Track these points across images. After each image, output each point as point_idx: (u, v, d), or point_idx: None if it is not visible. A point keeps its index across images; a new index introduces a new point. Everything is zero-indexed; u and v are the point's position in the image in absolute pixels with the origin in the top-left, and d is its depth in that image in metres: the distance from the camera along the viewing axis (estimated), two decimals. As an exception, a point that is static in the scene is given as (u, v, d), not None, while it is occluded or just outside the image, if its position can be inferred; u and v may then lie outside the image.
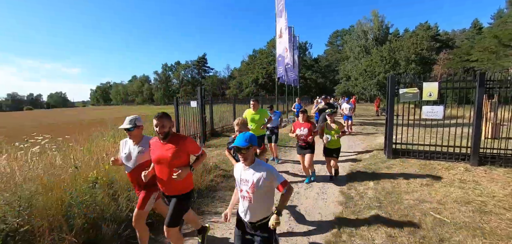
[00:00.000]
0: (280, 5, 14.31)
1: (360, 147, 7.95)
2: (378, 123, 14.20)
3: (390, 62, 39.39)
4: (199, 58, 78.26)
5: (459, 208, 3.56)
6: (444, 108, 5.89)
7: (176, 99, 9.37)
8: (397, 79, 6.48)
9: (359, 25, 48.40)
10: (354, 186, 4.58)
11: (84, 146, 5.11)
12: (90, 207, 3.05)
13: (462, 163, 5.68)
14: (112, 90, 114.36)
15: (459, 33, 48.50)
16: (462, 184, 4.47)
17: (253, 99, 5.45)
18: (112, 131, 7.35)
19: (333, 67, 57.33)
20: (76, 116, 36.27)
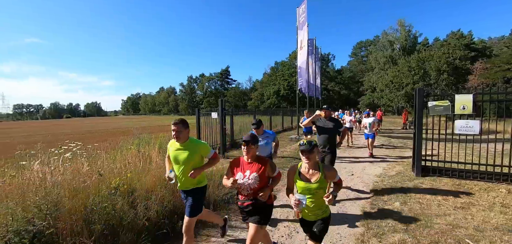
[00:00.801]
0: (302, 18, 14.34)
1: (385, 162, 7.49)
2: (406, 136, 13.37)
3: (419, 73, 37.38)
4: (222, 71, 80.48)
5: (501, 236, 3.15)
6: (481, 123, 5.39)
7: (198, 110, 9.62)
8: (426, 92, 6.08)
9: (384, 36, 46.91)
10: (378, 205, 4.28)
11: (110, 154, 5.38)
12: (110, 213, 3.16)
13: (504, 184, 5.10)
14: (141, 101, 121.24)
15: (497, 41, 44.83)
16: (504, 208, 3.98)
17: (175, 124, 2.73)
18: (137, 139, 7.68)
19: (357, 79, 55.75)
20: (108, 124, 38.77)
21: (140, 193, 3.75)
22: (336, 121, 4.66)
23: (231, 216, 4.02)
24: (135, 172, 4.27)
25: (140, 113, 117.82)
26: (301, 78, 15.16)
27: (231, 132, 11.37)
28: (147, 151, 5.81)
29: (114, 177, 3.88)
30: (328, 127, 4.51)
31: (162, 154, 5.59)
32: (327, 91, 50.38)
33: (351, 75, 57.83)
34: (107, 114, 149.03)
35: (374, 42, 52.73)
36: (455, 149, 6.17)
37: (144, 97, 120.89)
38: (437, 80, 35.92)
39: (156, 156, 5.13)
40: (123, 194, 3.58)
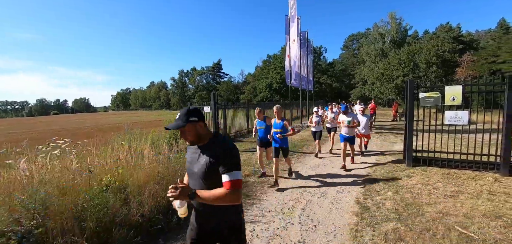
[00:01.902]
0: (293, 11, 14.26)
1: (378, 154, 7.61)
2: (397, 128, 13.62)
3: (409, 65, 37.99)
4: (214, 65, 79.56)
5: (488, 222, 3.26)
6: (469, 113, 5.52)
7: (190, 105, 9.49)
8: (416, 84, 6.17)
9: (375, 28, 47.26)
10: (371, 196, 4.36)
11: (101, 150, 5.25)
12: (101, 211, 3.09)
13: (490, 172, 5.26)
14: (131, 96, 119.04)
15: (484, 34, 45.91)
16: (492, 196, 4.11)
17: None
18: (128, 135, 7.52)
19: (349, 72, 56.22)
20: (98, 120, 37.92)
21: (132, 189, 3.68)
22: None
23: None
24: (127, 168, 4.18)
25: (131, 108, 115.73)
26: (294, 71, 15.14)
27: (225, 126, 11.31)
28: (139, 146, 5.70)
29: (105, 174, 3.79)
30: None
31: (155, 149, 5.49)
32: (319, 84, 50.61)
33: (342, 68, 58.23)
34: (97, 110, 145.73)
35: (366, 35, 53.07)
36: (445, 139, 6.33)
37: (134, 92, 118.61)
38: (426, 73, 36.58)
39: (149, 152, 5.03)
40: (115, 190, 3.51)
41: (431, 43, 38.43)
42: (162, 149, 5.24)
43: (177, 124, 1.53)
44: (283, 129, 4.94)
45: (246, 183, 5.25)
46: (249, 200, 4.36)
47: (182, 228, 3.46)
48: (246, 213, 3.86)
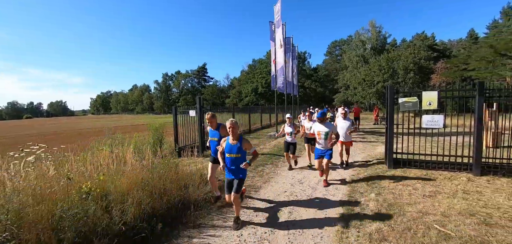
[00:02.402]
0: (277, 17, 14.47)
1: (360, 157, 7.85)
2: (378, 131, 14.13)
3: (388, 72, 39.65)
4: (199, 68, 78.78)
5: (463, 220, 3.45)
6: (444, 117, 5.85)
7: (175, 108, 9.31)
8: (396, 89, 6.45)
9: (357, 35, 49.00)
10: (355, 197, 4.47)
11: (80, 156, 5.01)
12: (81, 220, 2.94)
13: (464, 173, 5.59)
14: (112, 99, 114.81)
15: (456, 43, 49.03)
16: (466, 194, 4.37)
17: None
18: (109, 140, 7.23)
19: (332, 77, 57.72)
20: (76, 124, 36.14)
21: (115, 197, 3.54)
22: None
23: (213, 216, 3.95)
24: (108, 174, 4.02)
25: (112, 112, 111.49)
26: (282, 77, 15.26)
27: (210, 130, 11.18)
28: (121, 152, 5.50)
29: (85, 181, 3.62)
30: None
31: (138, 154, 5.33)
32: (303, 88, 51.53)
33: (326, 73, 59.71)
34: (74, 114, 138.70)
35: (348, 42, 54.89)
36: (423, 142, 6.65)
37: (115, 96, 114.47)
38: (404, 79, 38.34)
39: (131, 157, 4.87)
40: (96, 198, 3.36)
41: (408, 50, 40.44)
42: (145, 154, 5.08)
43: None
44: (241, 153, 3.51)
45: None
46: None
47: (168, 236, 3.37)
48: (232, 218, 3.83)
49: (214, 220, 3.81)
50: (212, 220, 3.81)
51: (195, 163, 6.22)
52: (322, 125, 5.00)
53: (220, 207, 4.23)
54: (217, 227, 3.60)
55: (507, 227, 3.25)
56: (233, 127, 3.52)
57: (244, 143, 3.54)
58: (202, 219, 3.83)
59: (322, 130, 4.96)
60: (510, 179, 5.08)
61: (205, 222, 3.74)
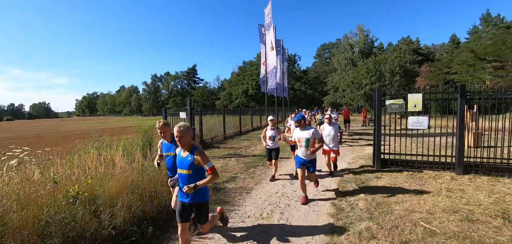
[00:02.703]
0: (268, 19, 14.59)
1: (349, 158, 8.01)
2: (366, 133, 14.46)
3: (375, 75, 40.70)
4: (189, 69, 78.05)
5: (447, 217, 3.60)
6: (429, 119, 6.07)
7: (165, 110, 9.20)
8: (383, 91, 6.65)
9: (345, 39, 50.06)
10: (345, 198, 4.57)
11: (66, 159, 4.86)
12: (68, 225, 2.86)
13: (448, 172, 5.82)
14: (98, 101, 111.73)
15: (439, 47, 51.02)
16: (449, 193, 4.55)
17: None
18: (97, 142, 7.04)
19: (322, 79, 58.63)
20: (61, 127, 34.91)
21: (104, 200, 3.46)
22: None
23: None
24: (96, 178, 3.93)
25: (98, 114, 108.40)
26: (273, 79, 15.35)
27: (200, 132, 11.11)
28: (109, 154, 5.37)
29: (72, 185, 3.52)
30: None
31: (127, 157, 5.23)
32: (293, 90, 52.05)
33: (315, 76, 60.60)
34: (59, 116, 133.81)
35: (336, 45, 55.98)
36: (409, 142, 6.87)
37: (102, 97, 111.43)
38: (391, 81, 39.48)
39: (120, 160, 4.77)
40: (84, 202, 3.27)
41: (394, 54, 41.72)
42: (135, 157, 4.99)
43: None
44: (194, 169, 2.61)
45: (224, 190, 5.20)
46: (227, 207, 4.32)
47: (159, 239, 3.33)
48: (225, 220, 3.83)
49: (206, 222, 3.78)
50: (204, 222, 3.78)
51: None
52: (302, 130, 4.34)
53: (211, 210, 4.21)
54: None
55: (488, 222, 3.42)
56: (181, 135, 2.53)
57: (197, 156, 2.56)
58: (193, 221, 3.80)
59: (303, 136, 4.27)
60: (490, 177, 5.34)
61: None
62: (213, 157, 8.60)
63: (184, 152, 2.65)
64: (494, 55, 26.71)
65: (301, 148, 4.30)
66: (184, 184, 2.61)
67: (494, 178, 5.29)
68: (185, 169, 2.62)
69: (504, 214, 3.62)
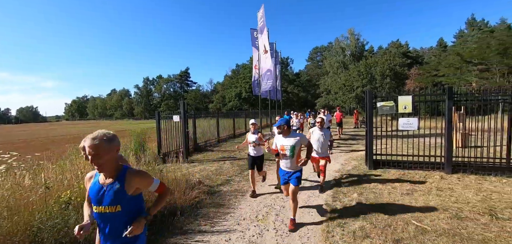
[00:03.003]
0: (261, 22, 14.70)
1: (342, 159, 8.12)
2: (358, 135, 14.69)
3: (366, 77, 41.43)
4: (182, 73, 77.57)
5: (438, 215, 3.71)
6: (418, 120, 6.24)
7: (158, 114, 9.12)
8: (374, 94, 6.79)
9: (337, 42, 50.80)
10: (339, 198, 4.64)
11: (57, 164, 4.76)
12: (61, 230, 2.81)
13: (437, 171, 5.98)
14: (89, 105, 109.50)
15: (427, 51, 52.46)
16: (439, 191, 4.68)
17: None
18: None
19: (314, 82, 59.21)
20: (50, 131, 34.00)
21: (97, 205, 3.41)
22: None
23: (201, 221, 3.91)
24: (89, 182, 3.86)
25: (88, 118, 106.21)
26: (270, 81, 15.35)
27: (194, 135, 11.05)
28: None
29: (64, 190, 3.46)
30: None
31: (120, 161, 5.16)
32: (286, 93, 52.39)
33: (308, 79, 61.19)
34: (47, 120, 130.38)
35: (328, 48, 56.74)
36: (400, 143, 7.03)
37: (92, 100, 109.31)
38: (381, 84, 40.28)
39: (114, 164, 4.71)
40: (77, 208, 3.22)
41: (384, 57, 42.60)
42: (129, 161, 4.94)
43: None
44: (124, 203, 1.64)
45: (219, 193, 5.19)
46: (223, 209, 4.33)
47: (153, 243, 3.30)
48: (220, 223, 3.83)
49: (202, 225, 3.78)
50: (199, 225, 3.78)
51: (180, 169, 6.12)
52: (286, 137, 3.59)
53: (206, 213, 4.21)
54: (204, 232, 3.57)
55: (476, 220, 3.54)
56: (97, 152, 1.53)
57: (131, 181, 1.66)
58: (189, 224, 3.79)
59: (287, 144, 3.54)
60: (477, 176, 5.52)
61: (192, 228, 3.70)
62: (208, 160, 8.57)
63: (106, 178, 1.66)
64: (479, 58, 27.64)
65: (285, 158, 3.56)
66: (107, 225, 1.64)
67: (481, 177, 5.47)
68: (107, 205, 1.62)
69: (491, 211, 3.75)
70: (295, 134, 3.64)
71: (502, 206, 3.95)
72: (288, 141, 3.55)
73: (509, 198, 4.27)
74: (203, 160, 8.61)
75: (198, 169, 7.32)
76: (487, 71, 27.59)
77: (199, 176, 6.36)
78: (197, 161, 8.63)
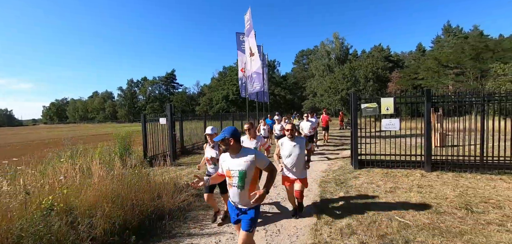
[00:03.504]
0: (248, 25, 14.79)
1: (329, 160, 8.31)
2: (344, 135, 15.07)
3: (351, 80, 42.64)
4: (168, 74, 76.23)
5: (419, 211, 3.90)
6: (400, 121, 6.52)
7: (144, 116, 8.93)
8: (358, 96, 7.03)
9: (322, 46, 51.95)
10: (326, 197, 4.76)
11: (36, 168, 4.55)
12: (44, 238, 2.70)
13: (418, 169, 6.27)
14: (69, 107, 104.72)
15: (408, 55, 54.79)
16: (420, 188, 4.92)
17: None
18: (69, 151, 6.65)
19: (300, 84, 60.13)
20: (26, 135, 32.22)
21: (81, 211, 3.30)
22: None
23: (190, 224, 3.88)
24: (72, 188, 3.74)
25: (68, 121, 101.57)
26: (258, 83, 15.42)
27: (181, 138, 10.91)
28: (85, 163, 5.12)
29: (46, 195, 3.32)
30: None
31: (105, 165, 5.01)
32: (273, 96, 52.83)
33: (295, 81, 62.04)
34: (23, 124, 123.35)
35: (314, 52, 57.92)
36: (383, 143, 7.30)
37: (73, 103, 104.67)
38: (365, 87, 41.60)
39: (98, 168, 4.56)
40: (60, 213, 3.11)
41: (367, 61, 44.11)
42: (114, 165, 4.81)
43: None
44: None
45: (208, 195, 5.16)
46: (212, 212, 4.30)
47: (142, 247, 3.24)
48: (210, 225, 3.82)
49: (191, 228, 3.75)
50: (188, 228, 3.75)
51: (167, 172, 6.04)
52: (234, 157, 2.39)
53: (196, 216, 4.17)
54: (193, 235, 3.55)
55: (454, 214, 3.76)
56: None
57: None
58: (177, 228, 3.75)
59: (234, 167, 2.35)
60: (454, 173, 5.84)
61: (181, 231, 3.66)
62: (195, 163, 8.47)
63: None
64: (455, 62, 29.27)
65: (233, 187, 2.36)
66: None
67: (458, 174, 5.80)
68: None
69: (467, 206, 3.99)
70: (248, 151, 2.39)
71: (477, 201, 4.22)
72: (236, 162, 2.34)
73: (483, 193, 4.56)
74: (191, 163, 8.52)
75: (186, 172, 7.23)
76: (462, 75, 29.24)
77: (187, 179, 6.28)
78: (185, 164, 8.53)
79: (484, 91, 6.25)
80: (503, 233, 3.17)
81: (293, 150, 3.69)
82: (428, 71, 32.87)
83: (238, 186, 2.33)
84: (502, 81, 21.49)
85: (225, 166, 2.44)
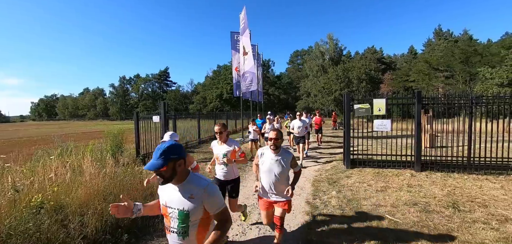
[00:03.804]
0: (243, 23, 14.78)
1: (322, 159, 8.40)
2: (336, 135, 15.24)
3: (344, 81, 43.11)
4: (161, 72, 75.41)
5: (408, 209, 3.99)
6: (391, 122, 6.65)
7: (137, 114, 8.82)
8: (351, 96, 7.14)
9: (317, 46, 52.30)
10: (319, 196, 4.81)
11: (26, 166, 4.45)
12: (33, 236, 2.65)
13: (408, 169, 6.40)
14: (58, 104, 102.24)
15: (400, 57, 55.72)
16: (410, 188, 5.03)
17: None
18: (59, 149, 6.52)
19: (295, 84, 60.44)
20: (14, 132, 31.33)
21: (72, 209, 3.26)
22: None
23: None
24: (63, 185, 3.68)
25: (58, 118, 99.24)
26: (252, 83, 15.41)
27: (175, 137, 10.81)
28: (75, 161, 5.04)
29: (35, 193, 3.26)
30: None
31: (96, 163, 4.94)
32: (268, 95, 52.96)
33: (289, 81, 62.32)
34: (10, 120, 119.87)
35: (308, 52, 58.29)
36: (375, 144, 7.42)
37: (62, 100, 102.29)
38: (358, 88, 42.14)
39: (90, 166, 4.50)
40: (50, 211, 3.05)
41: (361, 62, 44.70)
42: (107, 162, 4.75)
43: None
44: None
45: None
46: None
47: (135, 246, 3.22)
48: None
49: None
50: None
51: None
52: (176, 184, 1.56)
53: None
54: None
55: (441, 212, 3.86)
56: None
57: None
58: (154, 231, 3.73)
59: (173, 204, 1.56)
60: (443, 173, 6.00)
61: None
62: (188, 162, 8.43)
63: None
64: (445, 65, 29.97)
65: (172, 232, 1.60)
66: None
67: (446, 174, 5.96)
68: None
69: (454, 205, 4.11)
70: (196, 180, 1.57)
71: (464, 200, 4.35)
72: (176, 197, 1.56)
73: (470, 193, 4.71)
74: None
75: (179, 170, 7.19)
76: (452, 78, 29.99)
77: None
78: (178, 162, 8.46)
79: (472, 94, 6.44)
80: (488, 230, 3.28)
81: (274, 166, 2.78)
82: (419, 74, 33.59)
83: (180, 232, 1.55)
84: (490, 84, 22.15)
85: (162, 199, 1.65)
